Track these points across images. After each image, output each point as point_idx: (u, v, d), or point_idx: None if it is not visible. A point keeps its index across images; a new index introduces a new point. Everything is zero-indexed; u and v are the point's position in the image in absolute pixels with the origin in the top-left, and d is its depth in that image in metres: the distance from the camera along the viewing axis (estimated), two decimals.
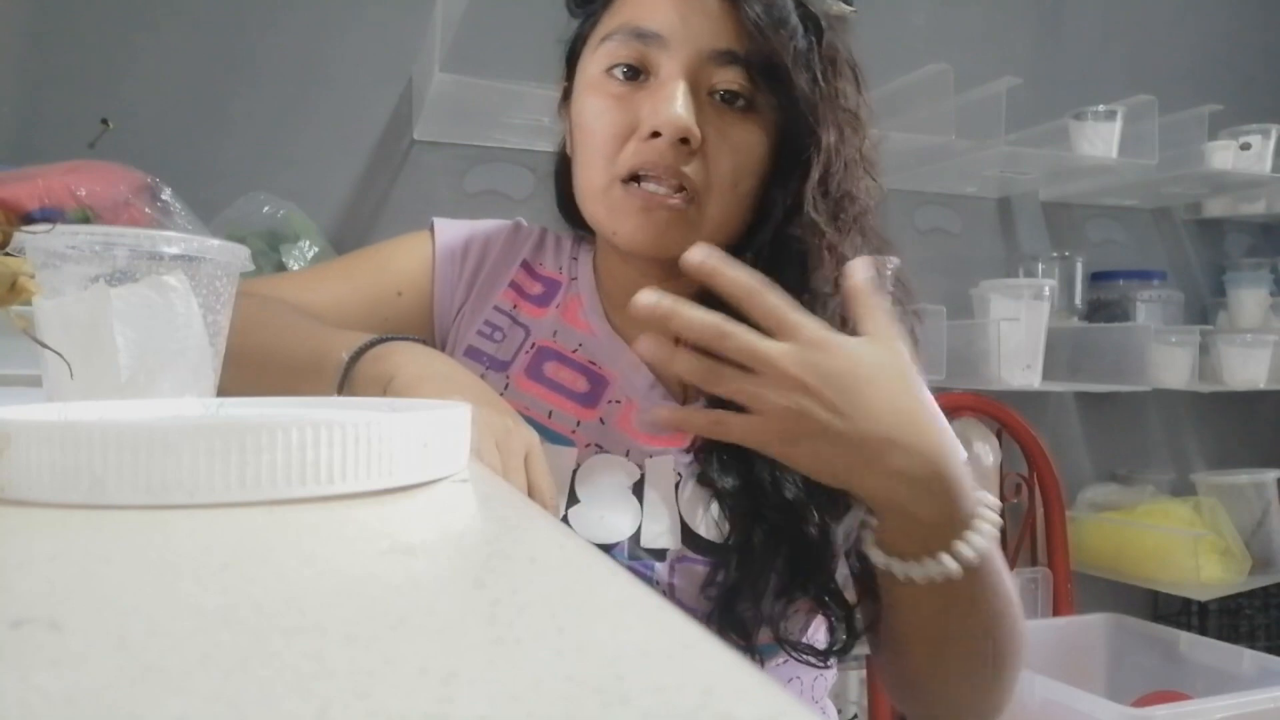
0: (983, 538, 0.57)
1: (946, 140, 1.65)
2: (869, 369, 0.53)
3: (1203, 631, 1.95)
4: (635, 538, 0.68)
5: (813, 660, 0.69)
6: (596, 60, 0.70)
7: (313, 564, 0.26)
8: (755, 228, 0.72)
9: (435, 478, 0.37)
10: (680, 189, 0.67)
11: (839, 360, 0.52)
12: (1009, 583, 0.62)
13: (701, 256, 0.53)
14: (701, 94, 0.67)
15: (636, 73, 0.68)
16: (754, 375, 0.52)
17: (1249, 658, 1.48)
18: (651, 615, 0.22)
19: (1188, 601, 2.00)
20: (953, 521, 0.56)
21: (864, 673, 1.56)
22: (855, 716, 1.59)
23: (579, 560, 0.28)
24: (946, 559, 0.56)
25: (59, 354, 0.45)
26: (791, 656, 0.68)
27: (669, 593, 0.67)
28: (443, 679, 0.17)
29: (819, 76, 0.69)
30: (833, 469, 0.55)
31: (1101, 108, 1.80)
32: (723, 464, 0.69)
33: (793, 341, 0.51)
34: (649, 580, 0.67)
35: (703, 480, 0.69)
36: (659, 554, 0.68)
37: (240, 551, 0.27)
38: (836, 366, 0.51)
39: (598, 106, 0.69)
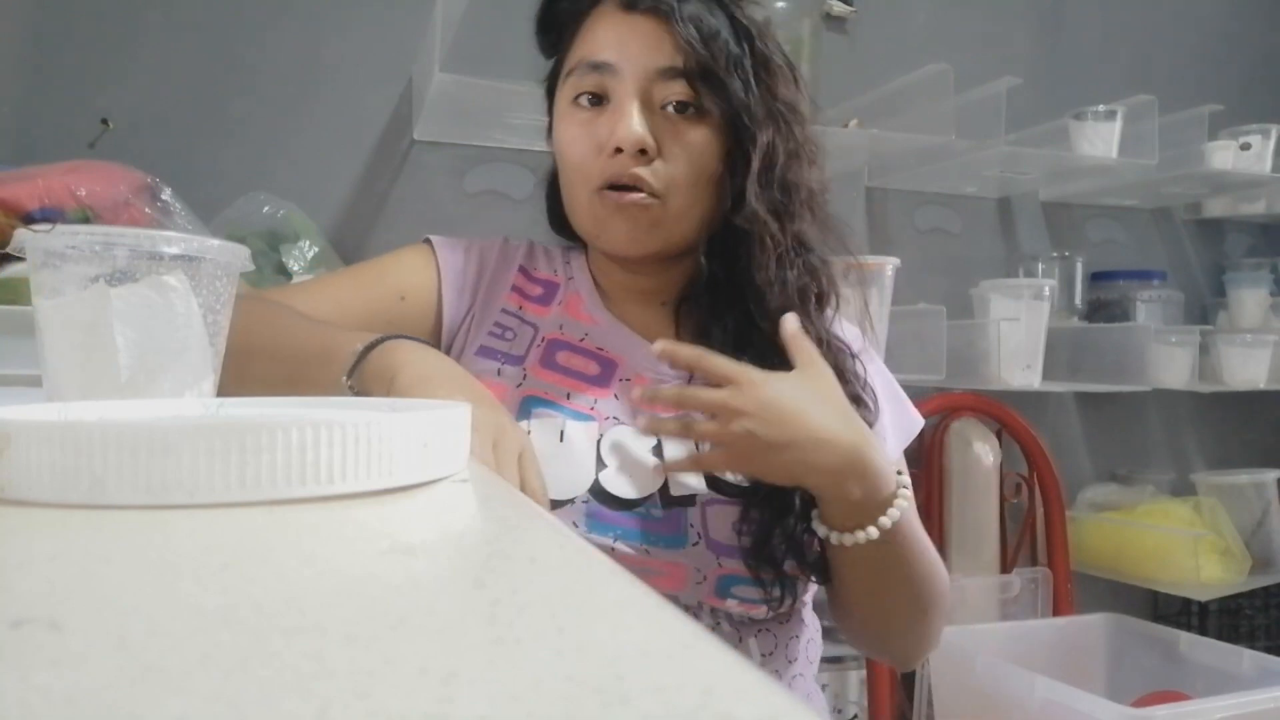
0: (898, 510, 0.71)
1: (946, 140, 1.65)
2: (796, 392, 0.67)
3: (1203, 631, 1.95)
4: (664, 489, 0.75)
5: (817, 579, 0.80)
6: (564, 93, 0.80)
7: (313, 564, 0.26)
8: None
9: (435, 478, 0.37)
10: (645, 192, 0.76)
11: (770, 390, 0.66)
12: (926, 544, 0.77)
13: (660, 348, 0.68)
14: (654, 107, 0.76)
15: (597, 99, 0.78)
16: (717, 420, 0.66)
17: (1249, 658, 1.48)
18: (651, 615, 0.22)
19: (1188, 601, 2.00)
20: (875, 500, 0.70)
21: (864, 673, 1.56)
22: (855, 716, 1.59)
23: (579, 560, 0.28)
24: (870, 529, 0.70)
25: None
26: (810, 574, 0.78)
27: (703, 534, 0.74)
28: (443, 679, 0.17)
29: (752, 79, 0.77)
30: (784, 472, 0.68)
31: (1101, 108, 1.80)
32: None
33: (736, 388, 0.65)
34: (684, 525, 0.74)
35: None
36: (688, 500, 0.74)
37: (240, 551, 0.27)
38: (769, 394, 0.65)
39: (570, 133, 0.79)
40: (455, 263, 0.86)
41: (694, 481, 0.75)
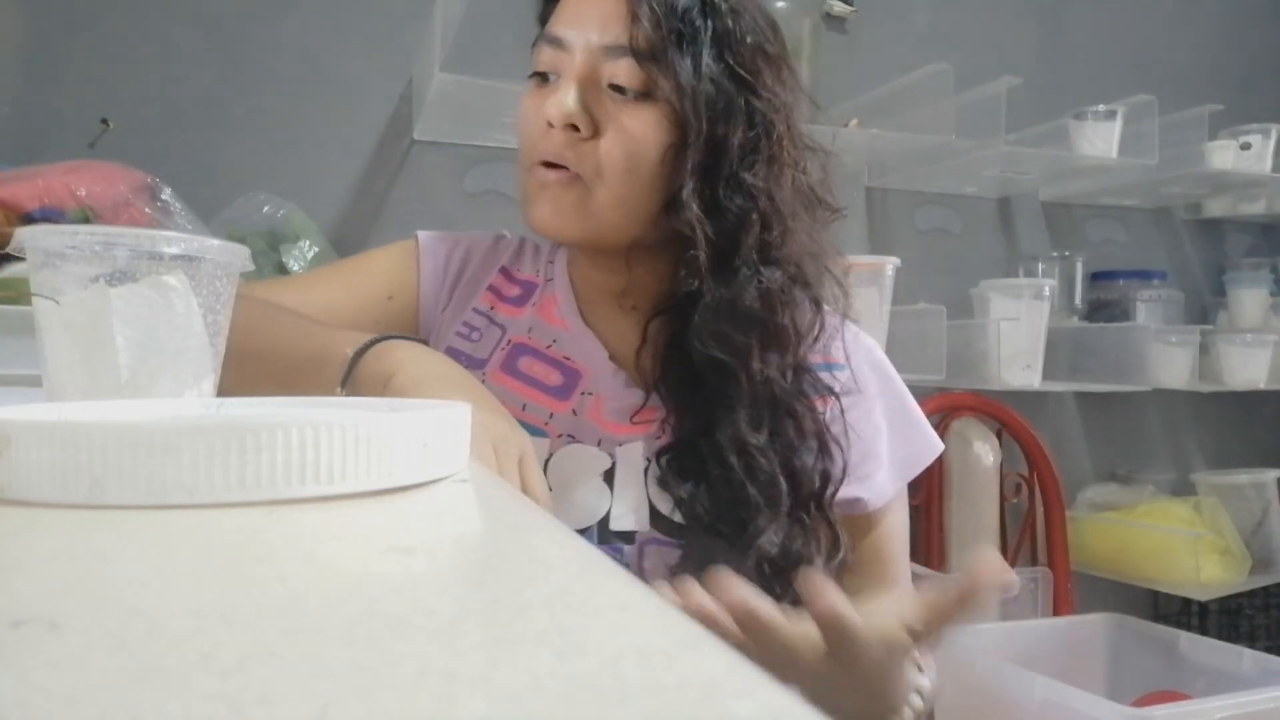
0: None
1: (946, 140, 1.65)
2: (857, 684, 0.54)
3: (1203, 631, 1.95)
4: (604, 521, 0.71)
5: None
6: (531, 64, 0.77)
7: (313, 564, 0.26)
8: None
9: (435, 478, 0.37)
10: (568, 171, 0.72)
11: (855, 676, 0.53)
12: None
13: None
14: (599, 86, 0.71)
15: (550, 76, 0.74)
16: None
17: (1249, 658, 1.48)
18: (651, 615, 0.22)
19: (1188, 601, 2.00)
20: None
21: None
22: None
23: (579, 560, 0.28)
24: None
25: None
26: None
27: (638, 573, 0.70)
28: (443, 679, 0.17)
29: (711, 62, 0.69)
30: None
31: (1101, 108, 1.80)
32: (680, 472, 0.71)
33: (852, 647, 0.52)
34: (620, 562, 0.69)
35: (663, 484, 0.72)
36: (627, 537, 0.70)
37: (240, 551, 0.27)
38: (852, 680, 0.53)
39: (522, 108, 0.76)
40: (437, 260, 0.84)
41: (634, 519, 0.71)
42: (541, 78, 0.74)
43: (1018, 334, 1.72)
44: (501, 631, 0.20)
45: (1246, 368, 1.95)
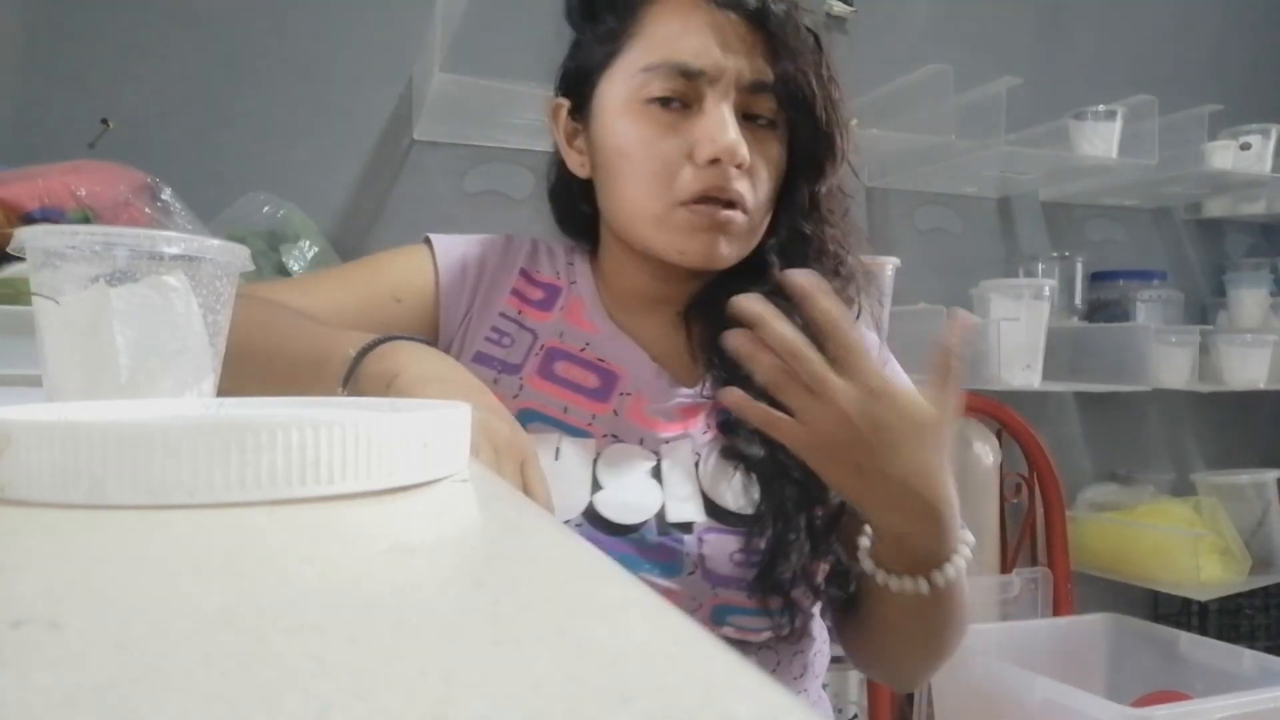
0: (956, 569, 0.66)
1: (946, 140, 1.65)
2: (911, 426, 0.60)
3: (1203, 631, 1.95)
4: (661, 515, 0.72)
5: (836, 607, 0.77)
6: (634, 88, 0.74)
7: (313, 564, 0.26)
8: (772, 224, 0.79)
9: (435, 478, 0.37)
10: (741, 209, 0.74)
11: (890, 415, 0.59)
12: (967, 596, 0.72)
13: (800, 285, 0.58)
14: (739, 118, 0.73)
15: (679, 102, 0.73)
16: (814, 396, 0.58)
17: (1249, 658, 1.48)
18: (651, 615, 0.22)
19: (1188, 601, 2.00)
20: (937, 553, 0.65)
21: None
22: (855, 716, 1.59)
23: (579, 560, 0.28)
24: (923, 581, 0.66)
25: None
26: (821, 601, 0.76)
27: (699, 563, 0.71)
28: (443, 679, 0.17)
29: (830, 90, 0.76)
30: (854, 492, 0.63)
31: (1101, 108, 1.80)
32: (748, 436, 0.74)
33: (856, 383, 0.58)
34: (680, 553, 0.71)
35: (727, 454, 0.74)
36: (686, 527, 0.72)
37: (240, 551, 0.27)
38: (887, 420, 0.58)
39: (644, 134, 0.73)
40: (453, 263, 0.83)
41: (692, 509, 0.73)
42: (664, 103, 0.73)
43: (1018, 334, 1.72)
44: (501, 632, 0.20)
45: (1246, 368, 1.95)
